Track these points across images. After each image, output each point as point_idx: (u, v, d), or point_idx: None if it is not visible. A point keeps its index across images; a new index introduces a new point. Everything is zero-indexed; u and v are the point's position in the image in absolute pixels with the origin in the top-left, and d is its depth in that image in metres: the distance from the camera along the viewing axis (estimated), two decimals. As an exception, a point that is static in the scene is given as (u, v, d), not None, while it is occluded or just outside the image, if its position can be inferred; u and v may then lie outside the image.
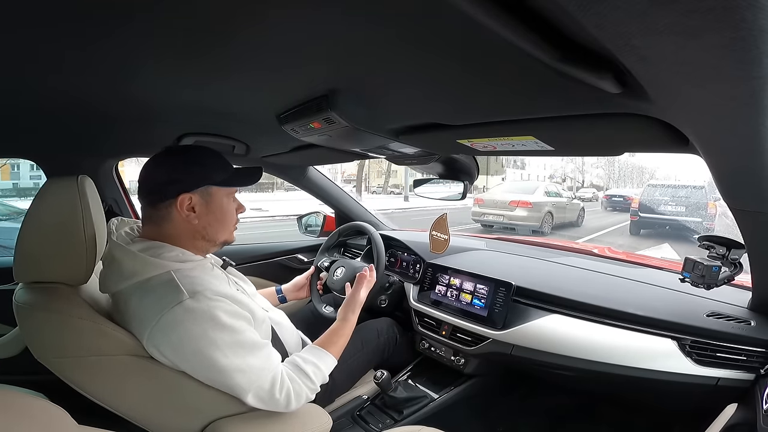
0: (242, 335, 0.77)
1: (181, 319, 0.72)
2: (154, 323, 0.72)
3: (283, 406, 0.81)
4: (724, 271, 0.91)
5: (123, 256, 0.78)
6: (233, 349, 0.75)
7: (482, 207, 8.22)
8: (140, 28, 0.49)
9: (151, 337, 0.73)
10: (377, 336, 1.31)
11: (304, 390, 0.84)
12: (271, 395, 0.79)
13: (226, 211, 0.87)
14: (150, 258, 0.78)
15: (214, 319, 0.74)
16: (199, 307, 0.73)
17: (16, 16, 0.46)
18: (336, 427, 1.07)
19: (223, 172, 0.85)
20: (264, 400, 0.79)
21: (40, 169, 1.38)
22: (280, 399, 0.80)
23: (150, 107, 0.91)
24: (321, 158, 1.46)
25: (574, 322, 1.10)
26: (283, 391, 0.81)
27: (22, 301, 0.74)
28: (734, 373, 0.91)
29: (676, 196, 8.23)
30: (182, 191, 0.80)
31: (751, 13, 0.25)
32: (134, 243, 0.81)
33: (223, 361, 0.74)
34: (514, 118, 0.69)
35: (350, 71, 0.61)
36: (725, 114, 0.43)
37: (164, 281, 0.76)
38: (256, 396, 0.78)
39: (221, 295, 0.77)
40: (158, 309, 0.73)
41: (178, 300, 0.73)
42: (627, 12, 0.28)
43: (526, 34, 0.37)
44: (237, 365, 0.75)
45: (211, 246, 0.88)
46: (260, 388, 0.78)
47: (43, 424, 0.54)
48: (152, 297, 0.75)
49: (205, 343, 0.73)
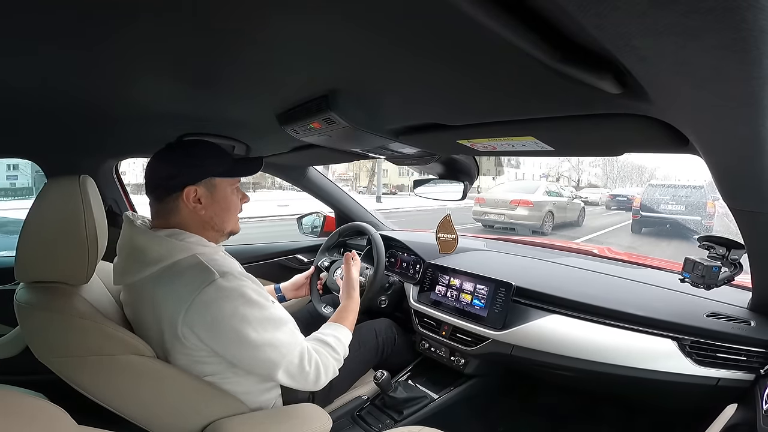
0: (269, 311, 0.80)
1: (214, 297, 0.74)
2: (189, 303, 0.73)
3: (312, 380, 0.83)
4: (724, 272, 0.91)
5: (148, 242, 0.80)
6: (263, 325, 0.77)
7: (483, 206, 8.26)
8: (141, 28, 0.49)
9: (186, 318, 0.74)
10: (375, 336, 1.32)
11: (330, 361, 0.87)
12: (301, 369, 0.81)
13: (230, 201, 0.89)
14: (176, 242, 0.80)
15: (244, 296, 0.76)
16: (230, 286, 0.76)
17: (16, 17, 0.47)
18: (336, 427, 1.07)
19: (225, 163, 0.88)
20: (294, 375, 0.81)
21: (17, 170, 1.38)
22: (310, 372, 0.82)
23: (150, 107, 0.91)
24: (321, 158, 1.46)
25: (574, 322, 1.10)
26: (312, 364, 0.82)
27: (23, 301, 0.74)
28: (734, 374, 0.91)
29: (677, 196, 8.32)
30: (187, 183, 0.82)
31: (751, 13, 0.25)
32: (156, 231, 0.83)
33: (254, 336, 0.76)
34: (514, 119, 0.69)
35: (350, 72, 0.61)
36: (725, 114, 0.43)
37: (192, 264, 0.78)
38: (287, 371, 0.79)
39: (245, 276, 0.80)
40: (191, 289, 0.74)
41: (210, 279, 0.75)
42: (627, 12, 0.28)
43: (526, 35, 0.37)
44: (268, 340, 0.77)
45: (220, 236, 0.91)
46: (290, 363, 0.80)
47: (43, 424, 0.54)
48: (184, 279, 0.76)
49: (238, 319, 0.75)
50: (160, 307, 0.77)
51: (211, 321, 0.74)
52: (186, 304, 0.74)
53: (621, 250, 1.73)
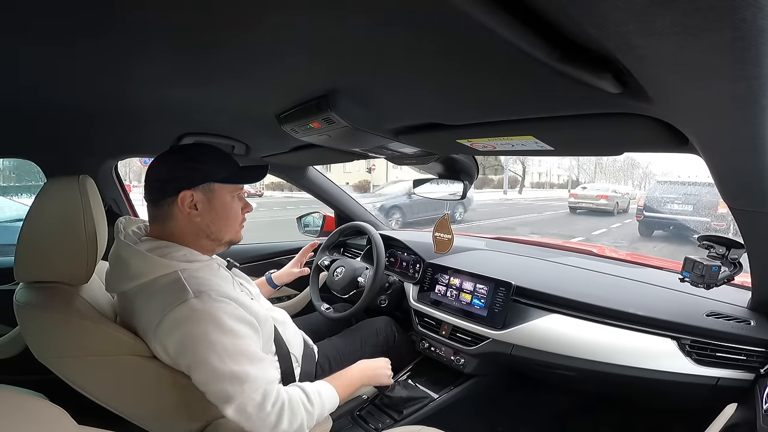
0: (243, 341, 0.76)
1: (186, 317, 0.72)
2: (159, 321, 0.72)
3: (271, 422, 0.75)
4: (724, 271, 0.91)
5: (131, 256, 0.78)
6: (231, 355, 0.73)
7: (577, 199, 13.48)
8: (141, 27, 0.49)
9: (156, 335, 0.73)
10: (376, 334, 1.32)
11: (300, 410, 0.79)
12: (260, 408, 0.74)
13: (229, 209, 0.85)
14: (158, 258, 0.78)
15: (215, 320, 0.73)
16: (202, 308, 0.73)
17: (15, 17, 0.46)
18: (336, 427, 1.07)
19: (226, 169, 0.84)
20: (248, 413, 0.73)
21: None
22: (270, 412, 0.75)
23: (150, 107, 0.91)
24: (320, 158, 1.46)
25: (574, 322, 1.10)
26: (276, 405, 0.76)
27: (23, 301, 0.74)
28: (734, 373, 0.91)
29: (689, 194, 7.77)
30: (183, 188, 0.79)
31: (750, 12, 0.25)
32: (142, 242, 0.81)
33: (217, 365, 0.71)
34: (514, 118, 0.69)
35: (350, 71, 0.61)
36: (725, 114, 0.43)
37: (170, 281, 0.76)
38: (239, 409, 0.73)
39: (227, 297, 0.77)
40: (163, 308, 0.73)
41: (182, 299, 0.73)
42: (627, 12, 0.28)
43: (525, 34, 0.36)
44: (231, 372, 0.72)
45: (217, 245, 0.87)
46: (250, 399, 0.73)
47: (43, 424, 0.54)
48: (158, 297, 0.75)
49: (205, 344, 0.72)
50: (138, 322, 0.77)
51: (179, 340, 0.72)
52: (157, 321, 0.73)
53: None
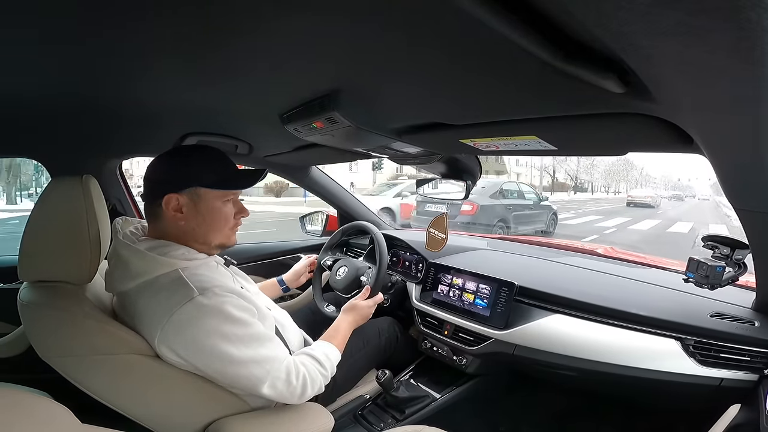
0: (252, 327, 0.79)
1: (193, 316, 0.73)
2: (165, 321, 0.72)
3: (298, 393, 0.82)
4: (728, 272, 0.91)
5: (130, 255, 0.78)
6: (245, 342, 0.76)
7: (633, 198, 18.18)
8: (145, 27, 0.49)
9: (162, 336, 0.73)
10: (378, 335, 1.32)
11: (318, 377, 0.86)
12: (288, 383, 0.80)
13: (217, 214, 0.83)
14: (157, 257, 0.78)
15: (224, 313, 0.75)
16: (209, 303, 0.74)
17: (17, 16, 0.47)
18: (338, 426, 1.07)
19: (216, 173, 0.82)
20: (279, 389, 0.80)
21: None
22: (297, 386, 0.81)
23: (154, 107, 0.91)
24: (323, 158, 1.46)
25: (577, 322, 1.09)
26: (299, 378, 0.82)
27: (27, 300, 0.74)
28: (738, 374, 0.90)
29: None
30: (168, 191, 0.79)
31: (755, 13, 0.25)
32: (141, 242, 0.81)
33: (235, 353, 0.74)
34: (517, 118, 0.69)
35: (354, 71, 0.61)
36: (730, 114, 0.43)
37: (172, 279, 0.76)
38: (272, 386, 0.79)
39: (229, 291, 0.78)
40: (168, 307, 0.73)
41: (188, 297, 0.73)
42: (631, 12, 0.28)
43: (530, 34, 0.36)
44: (251, 356, 0.76)
45: (206, 248, 0.86)
46: (276, 378, 0.79)
47: (47, 422, 0.54)
48: (161, 296, 0.75)
49: (218, 337, 0.73)
50: (141, 322, 0.76)
51: (191, 339, 0.73)
52: (162, 322, 0.72)
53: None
